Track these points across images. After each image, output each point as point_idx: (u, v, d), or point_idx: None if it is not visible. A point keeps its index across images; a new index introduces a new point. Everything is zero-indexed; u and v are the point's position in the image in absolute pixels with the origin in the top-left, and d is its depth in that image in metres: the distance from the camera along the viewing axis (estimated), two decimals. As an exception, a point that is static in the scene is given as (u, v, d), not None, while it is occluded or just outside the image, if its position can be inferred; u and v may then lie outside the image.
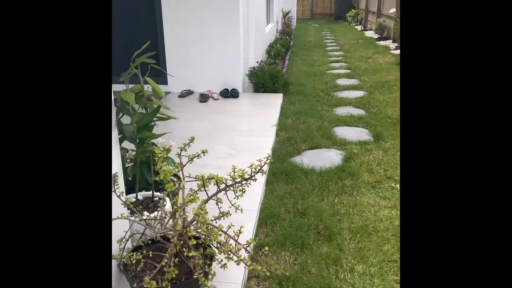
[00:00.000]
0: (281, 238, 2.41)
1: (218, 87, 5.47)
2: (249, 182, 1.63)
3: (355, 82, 6.50)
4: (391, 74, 6.83)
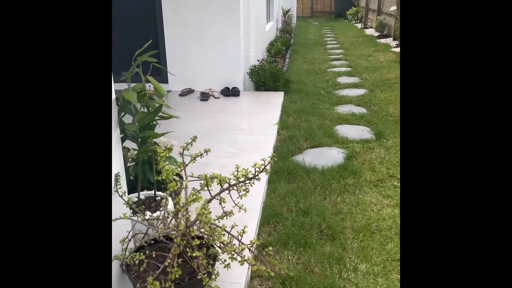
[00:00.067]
0: (283, 238, 2.39)
1: (219, 86, 5.45)
2: (253, 182, 1.61)
3: (356, 80, 6.48)
4: (392, 72, 6.81)
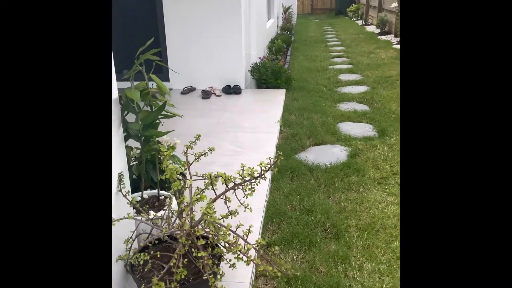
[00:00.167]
0: (288, 236, 2.38)
1: (220, 84, 5.43)
2: (258, 181, 1.59)
3: (358, 77, 6.45)
4: (394, 69, 6.78)
